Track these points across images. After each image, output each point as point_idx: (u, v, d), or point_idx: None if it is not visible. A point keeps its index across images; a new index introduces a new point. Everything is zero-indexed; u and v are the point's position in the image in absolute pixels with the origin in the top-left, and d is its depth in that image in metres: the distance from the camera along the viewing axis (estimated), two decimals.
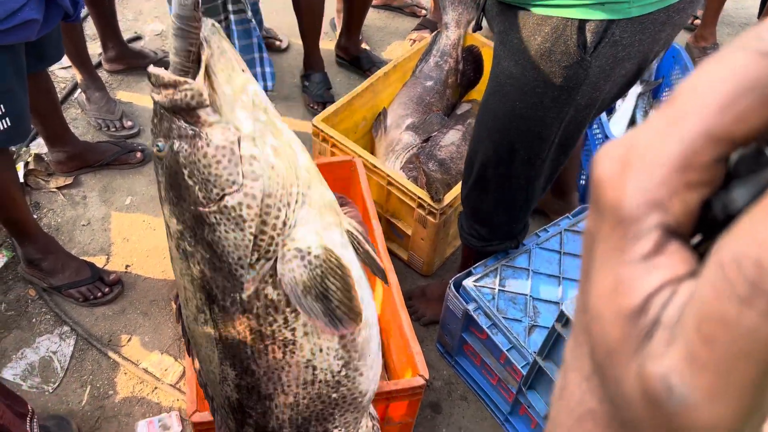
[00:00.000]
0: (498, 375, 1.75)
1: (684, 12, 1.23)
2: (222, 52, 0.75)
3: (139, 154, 2.41)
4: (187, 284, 0.87)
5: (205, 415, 1.30)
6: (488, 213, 1.62)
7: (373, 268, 0.90)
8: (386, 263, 1.67)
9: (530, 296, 1.71)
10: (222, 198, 0.76)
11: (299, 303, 0.82)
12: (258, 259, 0.79)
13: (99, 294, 2.01)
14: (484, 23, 1.46)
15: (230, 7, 2.32)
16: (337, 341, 0.89)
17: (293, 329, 0.87)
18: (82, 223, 2.24)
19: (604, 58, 1.20)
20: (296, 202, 0.79)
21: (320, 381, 0.92)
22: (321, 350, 0.89)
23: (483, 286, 1.72)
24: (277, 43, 2.96)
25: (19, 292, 2.03)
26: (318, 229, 0.81)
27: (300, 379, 0.92)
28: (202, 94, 0.73)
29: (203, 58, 0.73)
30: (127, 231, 2.23)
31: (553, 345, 1.32)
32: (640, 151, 0.23)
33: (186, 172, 0.77)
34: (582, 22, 1.16)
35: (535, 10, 1.21)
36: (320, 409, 0.96)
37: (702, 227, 0.24)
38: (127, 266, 2.13)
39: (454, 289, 1.73)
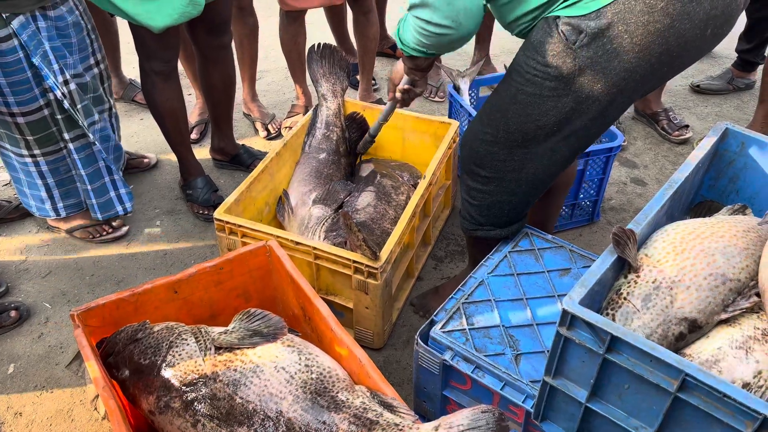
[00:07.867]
0: None
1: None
2: None
3: (13, 313, 2.04)
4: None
5: None
6: (479, 192, 1.66)
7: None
8: (346, 338, 1.48)
9: (503, 326, 1.58)
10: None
11: (241, 345, 1.39)
12: (208, 349, 1.40)
13: None
14: None
15: (66, 136, 2.09)
16: (281, 346, 1.38)
17: (250, 359, 1.35)
18: None
19: (591, 50, 1.33)
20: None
21: (295, 372, 1.33)
22: (276, 356, 1.35)
23: (452, 330, 1.56)
24: (146, 161, 2.74)
25: None
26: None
27: (282, 380, 1.31)
28: None
29: None
30: (16, 404, 1.83)
31: (560, 356, 1.17)
32: None
33: None
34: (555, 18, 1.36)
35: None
36: (313, 389, 1.30)
37: None
38: None
39: (422, 343, 1.56)
